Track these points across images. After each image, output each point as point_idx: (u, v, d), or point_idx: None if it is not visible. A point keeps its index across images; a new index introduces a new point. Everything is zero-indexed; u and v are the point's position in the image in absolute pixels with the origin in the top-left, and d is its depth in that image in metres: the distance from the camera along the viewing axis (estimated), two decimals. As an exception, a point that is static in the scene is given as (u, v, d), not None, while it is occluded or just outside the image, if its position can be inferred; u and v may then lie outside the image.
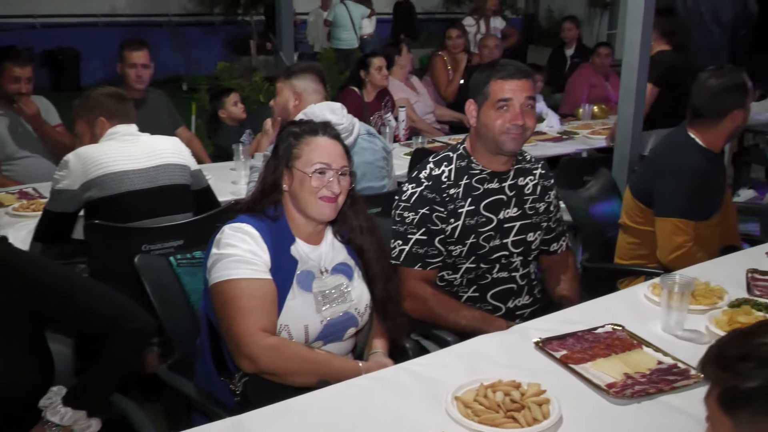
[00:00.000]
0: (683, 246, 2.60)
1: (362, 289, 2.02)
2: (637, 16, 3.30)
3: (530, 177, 2.37)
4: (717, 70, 2.72)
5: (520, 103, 2.17)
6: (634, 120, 3.45)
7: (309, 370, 1.80)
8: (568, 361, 1.76)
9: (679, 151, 2.72)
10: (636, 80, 3.39)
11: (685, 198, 2.63)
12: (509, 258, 2.31)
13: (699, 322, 1.98)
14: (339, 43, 10.34)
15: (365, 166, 2.89)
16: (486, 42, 6.05)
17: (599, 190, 3.11)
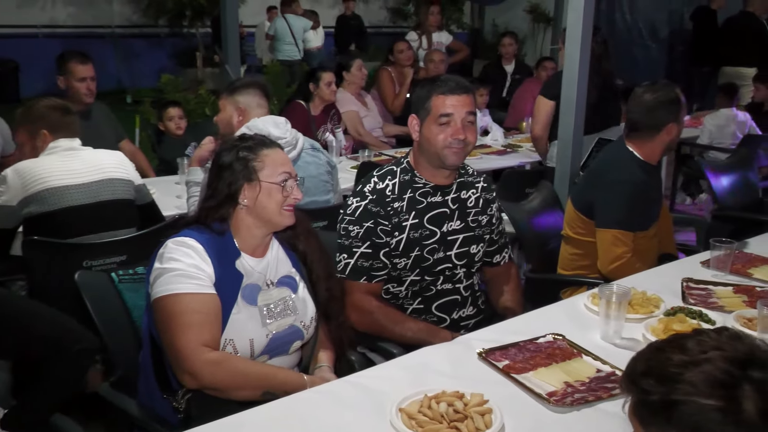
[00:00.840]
0: (622, 257, 2.66)
1: (307, 301, 2.02)
2: (576, 32, 3.37)
3: (473, 190, 2.40)
4: (651, 86, 2.78)
5: (461, 118, 2.19)
6: (575, 133, 3.51)
7: (253, 384, 1.79)
8: (510, 371, 1.79)
9: (618, 164, 2.78)
10: (576, 94, 3.45)
11: (624, 210, 2.69)
12: (453, 270, 2.34)
13: (636, 331, 2.02)
14: (279, 55, 10.31)
15: (310, 180, 2.87)
16: (432, 56, 6.10)
17: (541, 202, 3.16)
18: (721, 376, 1.00)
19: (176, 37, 12.30)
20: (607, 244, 2.69)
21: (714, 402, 0.99)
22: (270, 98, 3.15)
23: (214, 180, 1.94)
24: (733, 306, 2.23)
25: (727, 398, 0.99)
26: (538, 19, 11.58)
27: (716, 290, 2.36)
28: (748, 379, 1.00)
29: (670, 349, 1.08)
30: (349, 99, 5.22)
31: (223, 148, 1.98)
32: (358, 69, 5.30)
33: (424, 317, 2.32)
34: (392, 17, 14.02)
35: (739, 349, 1.03)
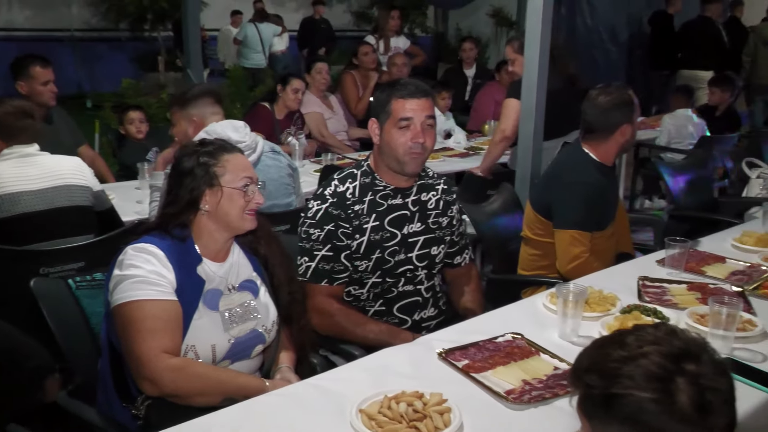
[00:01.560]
0: (580, 256, 2.71)
1: (269, 305, 2.02)
2: (535, 37, 3.41)
3: (433, 192, 2.42)
4: (606, 88, 2.82)
5: (421, 121, 2.21)
6: (534, 136, 3.54)
7: (213, 390, 1.79)
8: (469, 370, 1.81)
9: (574, 166, 2.83)
10: (535, 99, 3.49)
11: (581, 210, 2.74)
12: (414, 272, 2.36)
13: (593, 329, 2.05)
14: (246, 62, 10.33)
15: (271, 183, 2.86)
16: (395, 60, 6.14)
17: (502, 204, 3.20)
18: (656, 370, 1.03)
19: (137, 41, 12.15)
20: (565, 244, 2.74)
21: (650, 395, 1.02)
22: (222, 103, 3.13)
23: (174, 186, 1.93)
24: (687, 303, 2.27)
25: (662, 391, 1.02)
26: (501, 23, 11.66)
27: (671, 288, 2.41)
28: (681, 372, 1.03)
29: (610, 345, 1.11)
30: (313, 101, 5.25)
31: (183, 154, 1.96)
32: (318, 72, 5.33)
33: (385, 319, 2.34)
34: (356, 21, 14.03)
35: (675, 344, 1.07)
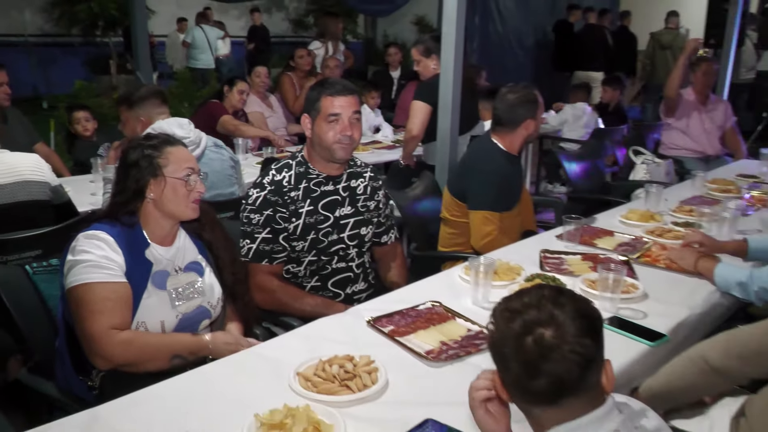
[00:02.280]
0: (491, 234, 2.77)
1: (213, 284, 2.00)
2: (451, 42, 3.43)
3: (361, 179, 2.43)
4: (513, 87, 2.88)
5: (348, 116, 2.22)
6: (451, 130, 3.56)
7: (162, 354, 1.78)
8: (394, 335, 1.84)
9: (485, 155, 2.88)
10: (451, 96, 3.50)
11: (492, 194, 2.80)
12: (346, 250, 2.37)
13: (501, 295, 2.06)
14: (196, 63, 10.10)
15: (214, 175, 2.83)
16: (328, 63, 6.11)
17: (423, 190, 3.23)
18: (518, 330, 1.13)
19: (89, 45, 11.71)
20: (478, 223, 2.79)
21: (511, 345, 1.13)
22: (168, 102, 3.07)
23: (122, 177, 1.90)
24: (581, 271, 2.34)
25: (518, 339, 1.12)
26: (423, 30, 11.72)
27: (568, 259, 2.48)
28: (531, 333, 1.11)
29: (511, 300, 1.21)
30: (254, 101, 5.19)
31: (130, 147, 1.93)
32: (258, 75, 5.30)
33: (321, 293, 2.34)
34: (294, 28, 13.87)
35: (532, 314, 1.14)
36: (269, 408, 1.41)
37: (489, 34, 9.30)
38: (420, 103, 3.92)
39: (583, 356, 1.10)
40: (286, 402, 1.44)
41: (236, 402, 1.51)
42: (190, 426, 1.36)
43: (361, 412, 1.49)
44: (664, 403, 1.76)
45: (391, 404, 1.52)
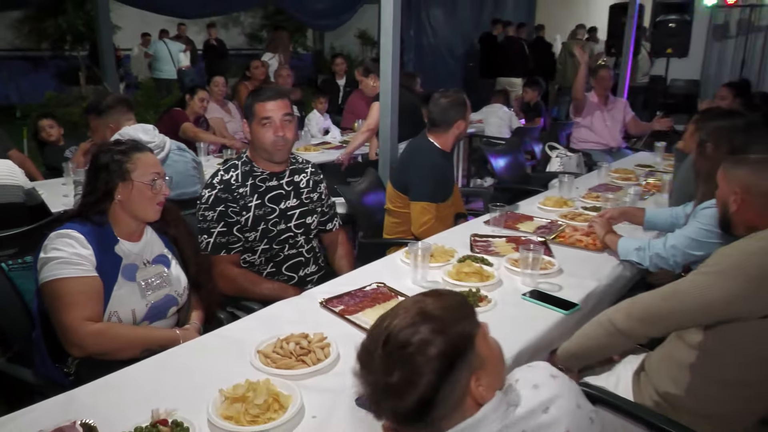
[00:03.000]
0: (428, 222, 2.79)
1: (179, 274, 1.96)
2: (388, 53, 3.43)
3: (303, 174, 2.41)
4: (445, 92, 2.90)
5: (279, 118, 2.19)
6: (391, 131, 3.57)
7: (133, 345, 1.73)
8: (344, 314, 1.84)
9: (423, 152, 2.89)
10: (390, 102, 3.51)
11: (429, 186, 2.82)
12: (295, 238, 2.35)
13: (437, 275, 2.12)
14: (160, 74, 9.83)
15: (178, 176, 2.76)
16: (281, 72, 6.04)
17: (368, 184, 3.22)
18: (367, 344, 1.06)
19: (59, 59, 11.23)
20: (417, 213, 2.81)
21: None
22: (134, 109, 2.99)
23: (92, 179, 1.83)
24: (505, 252, 2.38)
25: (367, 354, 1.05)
26: (365, 42, 11.72)
27: (494, 241, 2.51)
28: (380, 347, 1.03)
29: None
30: (214, 108, 5.11)
31: (101, 151, 1.86)
32: (216, 84, 5.22)
33: (276, 278, 2.32)
34: (249, 41, 13.62)
35: (377, 332, 1.07)
36: (233, 383, 1.40)
37: (423, 45, 9.35)
38: (377, 103, 3.93)
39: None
40: (248, 377, 1.42)
41: (203, 380, 1.49)
42: (161, 404, 1.33)
43: (316, 383, 1.49)
44: (579, 362, 1.82)
45: (342, 375, 1.52)
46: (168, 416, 1.29)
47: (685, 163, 2.80)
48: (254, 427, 1.28)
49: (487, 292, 1.98)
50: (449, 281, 2.06)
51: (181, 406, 1.34)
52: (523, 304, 1.96)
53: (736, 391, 1.56)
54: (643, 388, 1.73)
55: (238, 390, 1.37)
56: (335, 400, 1.41)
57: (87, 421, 1.26)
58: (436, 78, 8.68)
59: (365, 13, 9.34)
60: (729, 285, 1.48)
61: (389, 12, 3.37)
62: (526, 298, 1.98)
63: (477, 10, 9.91)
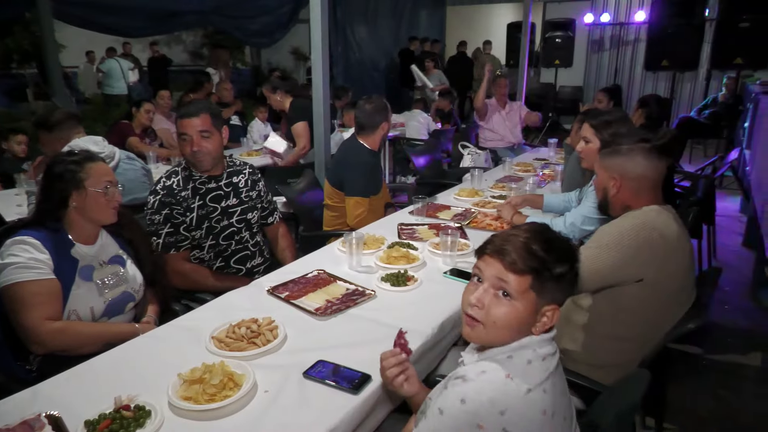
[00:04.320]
0: (362, 214, 2.80)
1: (135, 272, 1.88)
2: (318, 67, 3.40)
3: (242, 175, 2.35)
4: (369, 98, 2.91)
5: (194, 135, 2.11)
6: (324, 136, 3.56)
7: (93, 341, 1.64)
8: (289, 299, 1.81)
9: (355, 153, 2.88)
10: (322, 111, 3.49)
11: (362, 183, 2.82)
12: (239, 233, 2.29)
13: (370, 260, 2.13)
14: (111, 90, 9.33)
15: (129, 183, 2.63)
16: (222, 86, 5.86)
17: (307, 184, 3.19)
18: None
19: (6, 77, 10.41)
20: (351, 206, 2.81)
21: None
22: (81, 122, 2.83)
23: (47, 188, 1.73)
24: (428, 237, 2.40)
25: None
26: (298, 57, 11.53)
27: (418, 229, 2.54)
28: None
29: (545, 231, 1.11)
30: (161, 119, 4.89)
31: (55, 162, 1.76)
32: (161, 98, 5.03)
33: (226, 271, 2.26)
34: (191, 58, 13.11)
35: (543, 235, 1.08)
36: (190, 368, 1.35)
37: (350, 59, 9.32)
38: (299, 124, 4.03)
39: None
40: (204, 361, 1.38)
41: (162, 367, 1.43)
42: (124, 391, 1.27)
43: (267, 361, 1.47)
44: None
45: (290, 353, 1.51)
46: (130, 402, 1.24)
47: (573, 156, 2.94)
48: (212, 405, 1.25)
49: (414, 272, 2.00)
50: (381, 265, 2.08)
51: (142, 392, 1.29)
52: (445, 281, 2.00)
53: (621, 344, 1.65)
54: (546, 345, 1.80)
55: (195, 373, 1.33)
56: (285, 375, 1.40)
57: (51, 413, 1.19)
58: (363, 89, 8.67)
59: (298, 32, 9.20)
60: (610, 256, 1.57)
61: (318, 30, 3.34)
62: (448, 276, 2.02)
63: (395, 27, 9.98)
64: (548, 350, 1.09)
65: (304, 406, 1.29)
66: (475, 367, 1.06)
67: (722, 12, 7.18)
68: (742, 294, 3.57)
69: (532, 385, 1.03)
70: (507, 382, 1.02)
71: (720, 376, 2.71)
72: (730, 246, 4.41)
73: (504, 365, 1.05)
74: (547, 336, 1.10)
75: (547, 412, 1.03)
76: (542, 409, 1.02)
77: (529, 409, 1.01)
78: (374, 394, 1.35)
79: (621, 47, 9.53)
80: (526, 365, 1.05)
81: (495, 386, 1.02)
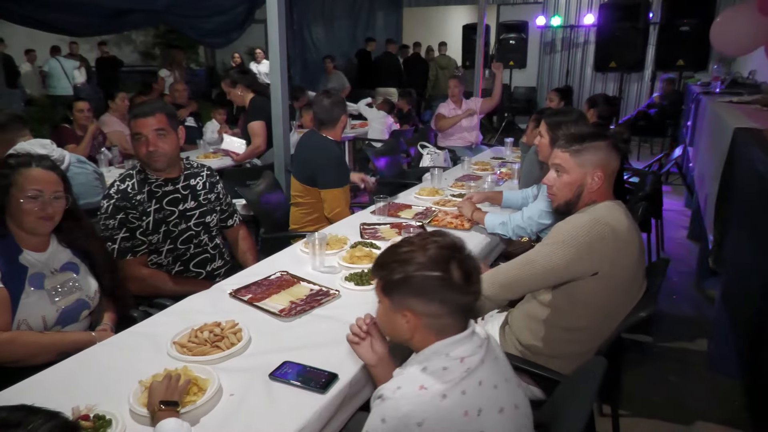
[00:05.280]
0: (340, 206, 2.80)
1: (90, 280, 1.81)
2: (276, 67, 3.38)
3: (199, 177, 2.30)
4: (326, 92, 2.93)
5: (149, 134, 2.06)
6: (284, 138, 3.54)
7: (46, 351, 1.58)
8: (253, 301, 1.79)
9: (322, 146, 2.88)
10: (281, 110, 3.47)
11: (336, 174, 2.82)
12: (198, 237, 2.24)
13: (333, 261, 2.13)
14: (55, 90, 8.96)
15: (81, 187, 2.54)
16: (176, 87, 5.71)
17: (266, 186, 3.15)
18: (439, 256, 1.10)
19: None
20: (330, 199, 2.81)
21: (435, 273, 1.09)
22: (27, 125, 2.71)
23: None
24: (390, 236, 2.42)
25: (443, 270, 1.09)
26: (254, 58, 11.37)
27: (380, 228, 2.54)
28: (454, 258, 1.10)
29: (401, 245, 1.16)
30: (114, 122, 4.72)
31: None
32: (122, 99, 4.84)
33: (185, 275, 2.21)
34: (143, 58, 12.74)
35: (447, 240, 1.13)
36: (151, 374, 1.32)
37: (307, 60, 9.26)
38: (256, 123, 3.93)
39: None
40: (166, 367, 1.36)
41: (121, 374, 1.39)
42: (82, 401, 1.23)
43: (231, 365, 1.45)
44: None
45: (255, 355, 1.49)
46: (89, 411, 1.20)
47: (529, 154, 3.02)
48: (176, 411, 1.22)
49: (377, 271, 2.01)
50: (344, 264, 2.08)
51: (102, 401, 1.25)
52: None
53: (578, 335, 1.70)
54: (508, 339, 1.85)
55: (157, 379, 1.29)
56: (251, 378, 1.38)
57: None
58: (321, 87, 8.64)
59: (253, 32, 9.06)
60: (566, 252, 1.61)
61: (275, 30, 3.32)
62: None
63: (352, 28, 9.97)
64: (465, 350, 1.12)
65: (271, 408, 1.28)
66: (392, 384, 1.10)
67: (664, 16, 7.51)
68: (689, 284, 3.75)
69: (449, 390, 1.06)
70: (420, 393, 1.06)
71: (669, 362, 2.84)
72: (677, 239, 4.62)
73: (419, 377, 1.08)
74: (460, 336, 1.13)
75: (470, 413, 1.06)
76: (463, 411, 1.06)
77: (449, 414, 1.04)
78: (341, 393, 1.35)
79: (572, 49, 9.83)
80: (442, 371, 1.09)
81: (409, 399, 1.05)
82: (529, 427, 1.19)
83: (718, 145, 2.89)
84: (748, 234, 1.97)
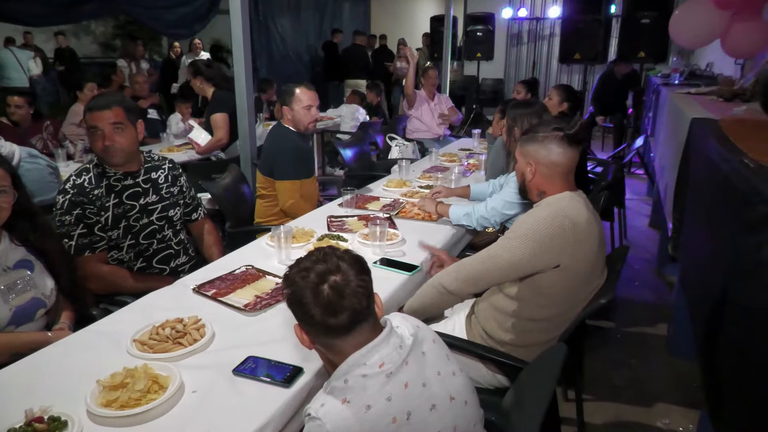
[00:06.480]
0: (293, 197, 2.78)
1: (45, 278, 1.75)
2: (240, 60, 3.33)
3: (161, 171, 2.24)
4: (288, 85, 2.91)
5: (106, 128, 1.99)
6: (250, 132, 3.49)
7: (1, 351, 1.52)
8: (217, 296, 1.77)
9: (282, 137, 2.86)
10: (246, 103, 3.42)
11: (292, 166, 2.79)
12: (161, 232, 2.19)
13: (299, 254, 2.02)
14: (8, 82, 8.58)
15: (33, 184, 2.45)
16: (136, 78, 5.56)
17: (232, 179, 3.11)
18: (313, 282, 1.11)
19: None
20: (283, 191, 2.79)
21: (310, 294, 1.10)
22: None
23: None
24: (357, 228, 2.41)
25: (315, 292, 1.10)
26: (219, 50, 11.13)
27: (348, 220, 2.53)
28: (326, 281, 1.10)
29: (298, 264, 1.17)
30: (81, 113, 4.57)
31: None
32: (90, 90, 4.69)
33: (148, 271, 2.16)
34: (102, 50, 12.33)
35: (321, 268, 1.12)
36: (110, 373, 1.29)
37: (273, 52, 9.12)
38: (218, 115, 3.88)
39: (366, 289, 1.13)
40: (126, 365, 1.32)
41: (78, 374, 1.35)
42: (36, 403, 1.19)
43: (194, 361, 1.42)
44: (421, 317, 1.90)
45: (218, 351, 1.47)
46: (44, 413, 1.16)
47: (495, 145, 3.05)
48: (134, 410, 1.19)
49: (344, 263, 2.00)
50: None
51: (57, 403, 1.21)
52: (375, 270, 1.99)
53: (542, 325, 1.73)
54: (474, 329, 1.87)
55: (116, 378, 1.26)
56: (215, 374, 1.36)
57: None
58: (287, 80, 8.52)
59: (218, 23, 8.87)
60: (528, 246, 1.63)
61: (238, 21, 3.25)
62: (377, 266, 2.04)
63: (318, 20, 9.87)
64: (382, 355, 1.11)
65: (235, 403, 1.26)
66: (316, 402, 1.10)
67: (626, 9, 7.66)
68: (650, 271, 3.86)
69: (372, 400, 1.07)
70: (343, 408, 1.06)
71: (631, 347, 2.92)
72: (639, 227, 4.75)
73: (342, 391, 1.08)
74: (374, 342, 1.12)
75: (399, 418, 1.07)
76: (391, 418, 1.07)
77: (375, 425, 1.05)
78: (307, 386, 1.34)
79: (538, 41, 9.95)
80: (363, 381, 1.09)
81: (332, 416, 1.05)
82: (470, 414, 1.19)
83: (677, 135, 2.97)
84: (703, 221, 2.03)
